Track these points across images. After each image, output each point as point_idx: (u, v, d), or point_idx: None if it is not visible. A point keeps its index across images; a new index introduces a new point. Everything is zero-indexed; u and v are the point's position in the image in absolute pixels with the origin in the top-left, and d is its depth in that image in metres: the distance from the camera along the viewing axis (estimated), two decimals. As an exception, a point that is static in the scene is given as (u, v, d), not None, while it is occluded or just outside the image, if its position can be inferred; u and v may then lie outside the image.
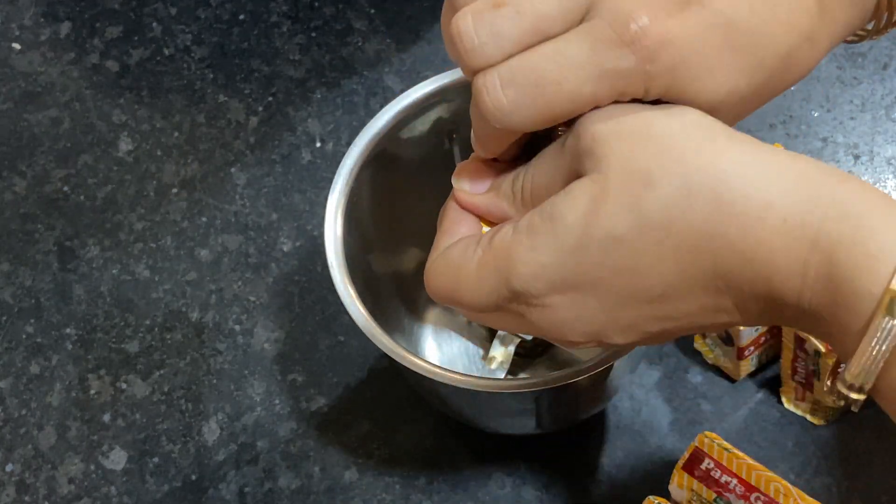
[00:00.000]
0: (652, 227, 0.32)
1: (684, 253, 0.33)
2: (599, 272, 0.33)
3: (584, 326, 0.35)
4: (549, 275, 0.34)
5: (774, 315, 0.34)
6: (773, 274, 0.32)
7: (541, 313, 0.35)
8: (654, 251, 0.33)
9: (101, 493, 0.58)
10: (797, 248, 0.32)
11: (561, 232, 0.33)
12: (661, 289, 0.33)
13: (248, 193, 0.67)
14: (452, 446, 0.58)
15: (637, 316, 0.34)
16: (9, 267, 0.66)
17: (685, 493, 0.50)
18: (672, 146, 0.33)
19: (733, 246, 0.32)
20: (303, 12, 0.74)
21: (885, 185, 0.65)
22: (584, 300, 0.34)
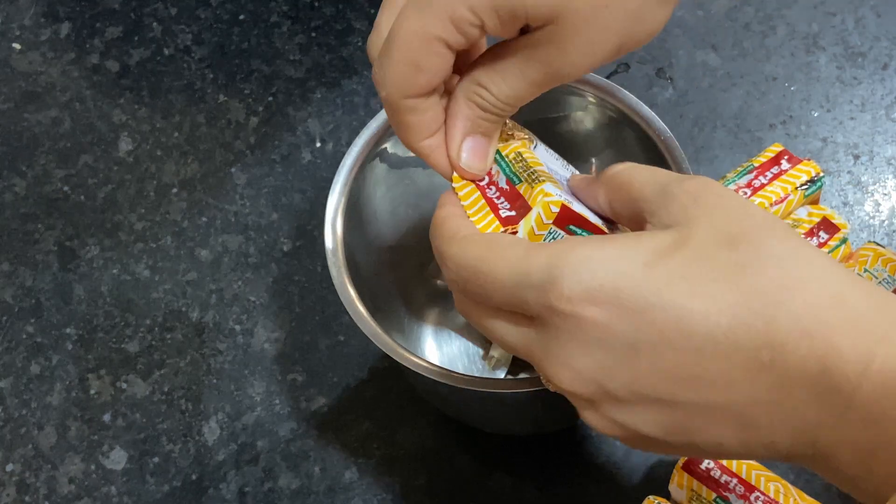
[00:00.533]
0: (721, 277, 0.32)
1: (744, 311, 0.31)
2: (655, 298, 0.32)
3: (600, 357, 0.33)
4: (606, 277, 0.33)
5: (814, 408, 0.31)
6: (832, 354, 0.30)
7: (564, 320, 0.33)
8: (714, 298, 0.32)
9: (101, 493, 0.58)
10: (864, 340, 0.30)
11: (637, 248, 0.33)
12: (704, 338, 0.32)
13: (249, 193, 0.67)
14: (452, 446, 0.58)
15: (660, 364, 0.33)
16: (9, 267, 0.66)
17: (685, 493, 0.50)
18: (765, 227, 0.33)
19: (797, 319, 0.31)
20: (303, 12, 0.74)
21: (885, 184, 0.65)
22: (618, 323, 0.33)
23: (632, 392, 0.33)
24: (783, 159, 0.60)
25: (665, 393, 0.33)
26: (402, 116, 0.39)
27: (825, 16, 0.71)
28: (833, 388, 0.30)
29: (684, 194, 0.34)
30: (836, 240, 0.57)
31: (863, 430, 0.30)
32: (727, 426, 0.33)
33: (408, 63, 0.37)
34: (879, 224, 0.64)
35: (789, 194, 0.58)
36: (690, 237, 0.33)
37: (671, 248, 0.33)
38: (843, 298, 0.31)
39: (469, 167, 0.40)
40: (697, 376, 0.32)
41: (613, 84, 0.51)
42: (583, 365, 0.34)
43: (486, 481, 0.57)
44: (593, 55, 0.38)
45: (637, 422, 0.34)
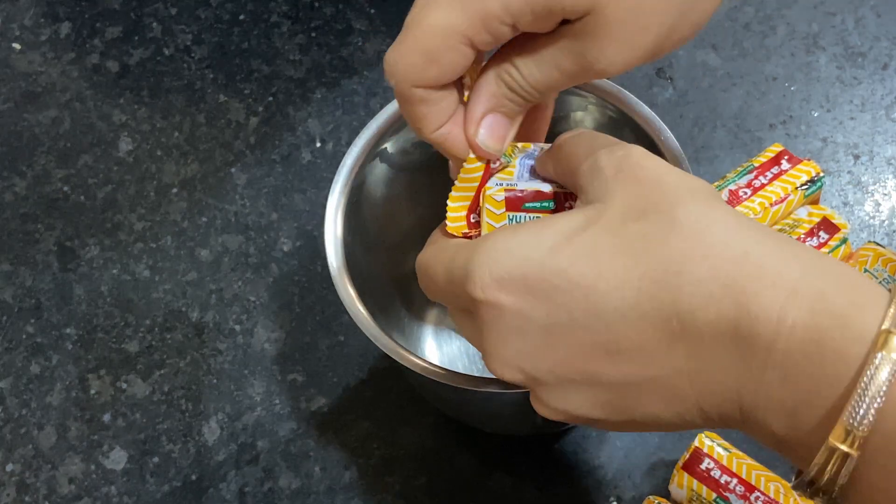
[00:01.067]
0: (626, 251, 0.32)
1: (647, 283, 0.32)
2: (560, 280, 0.33)
3: (519, 344, 0.34)
4: (511, 264, 0.33)
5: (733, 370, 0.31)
6: (742, 316, 0.30)
7: (485, 311, 0.34)
8: (618, 274, 0.32)
9: (101, 493, 0.58)
10: (774, 297, 0.30)
11: (544, 232, 0.34)
12: (613, 314, 0.32)
13: (249, 193, 0.67)
14: (452, 446, 0.58)
15: (576, 344, 0.33)
16: (9, 267, 0.66)
17: (685, 493, 0.50)
18: (674, 191, 0.33)
19: (701, 284, 0.31)
20: (303, 12, 0.74)
21: (885, 184, 0.65)
22: (530, 309, 0.33)
23: (556, 376, 0.34)
24: (783, 159, 0.60)
25: (586, 373, 0.33)
26: (412, 107, 0.38)
27: (825, 16, 0.71)
28: (748, 349, 0.30)
29: (609, 167, 0.35)
30: (836, 240, 0.57)
31: (782, 388, 0.30)
32: (657, 399, 0.33)
33: (421, 53, 0.36)
34: (879, 224, 0.64)
35: (789, 194, 0.58)
36: (602, 214, 0.33)
37: (581, 227, 0.33)
38: (750, 257, 0.31)
39: (485, 145, 0.39)
40: (614, 353, 0.32)
41: (613, 84, 0.51)
42: (506, 352, 0.34)
43: (486, 481, 0.57)
44: (631, 50, 0.36)
45: (572, 404, 0.35)
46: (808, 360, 0.30)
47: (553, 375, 0.34)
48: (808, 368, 0.30)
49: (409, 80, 0.37)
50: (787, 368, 0.30)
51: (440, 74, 0.37)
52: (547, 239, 0.33)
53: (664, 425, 0.34)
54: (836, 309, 0.30)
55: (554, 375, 0.34)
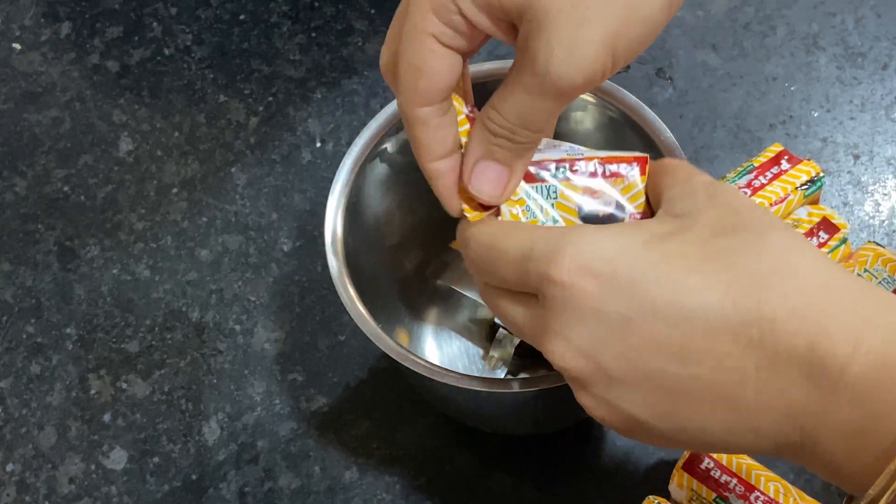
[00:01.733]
0: (716, 258, 0.33)
1: (734, 288, 0.32)
2: (649, 271, 0.33)
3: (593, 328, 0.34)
4: (604, 250, 0.34)
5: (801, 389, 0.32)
6: (821, 335, 0.31)
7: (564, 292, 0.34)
8: (708, 275, 0.33)
9: (101, 493, 0.58)
10: (853, 323, 0.31)
11: (639, 230, 0.34)
12: (695, 310, 0.32)
13: (249, 193, 0.67)
14: (452, 446, 0.58)
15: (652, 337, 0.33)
16: (9, 267, 0.66)
17: (685, 493, 0.50)
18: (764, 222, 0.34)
19: (786, 298, 0.32)
20: (303, 12, 0.74)
21: (885, 184, 0.65)
22: (613, 296, 0.33)
23: (622, 365, 0.34)
24: (783, 159, 0.60)
25: (655, 366, 0.33)
26: (413, 130, 0.38)
27: (825, 16, 0.71)
28: (822, 369, 0.31)
29: (704, 191, 0.36)
30: (836, 240, 0.57)
31: (850, 412, 0.31)
32: (714, 406, 0.33)
33: (410, 67, 0.37)
34: (879, 224, 0.64)
35: (789, 194, 0.58)
36: (693, 225, 0.34)
37: (672, 233, 0.34)
38: (833, 285, 0.32)
39: (478, 191, 0.39)
40: (688, 350, 0.33)
41: (613, 84, 0.51)
42: (576, 335, 0.34)
43: (486, 481, 0.57)
44: (579, 48, 0.35)
45: (627, 402, 0.34)
46: (879, 385, 0.30)
47: (618, 365, 0.34)
48: (878, 394, 0.30)
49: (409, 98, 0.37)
50: (857, 392, 0.31)
51: (431, 84, 0.37)
52: (641, 235, 0.34)
53: (710, 440, 0.34)
54: None
55: (619, 366, 0.34)
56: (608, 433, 0.58)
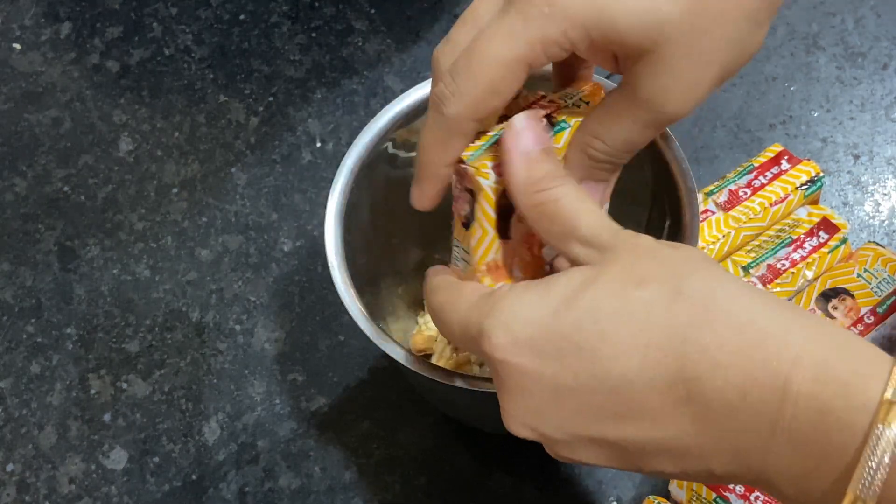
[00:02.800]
0: (630, 318, 0.32)
1: (653, 350, 0.32)
2: (565, 343, 0.33)
3: (528, 403, 0.35)
4: (519, 328, 0.34)
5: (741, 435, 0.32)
6: (749, 383, 0.31)
7: (500, 369, 0.35)
8: (623, 340, 0.32)
9: (101, 493, 0.58)
10: (779, 364, 0.31)
11: (548, 294, 0.34)
12: (618, 379, 0.32)
13: (249, 193, 0.67)
14: (452, 446, 0.58)
15: (582, 406, 0.33)
16: (9, 267, 0.66)
17: (685, 493, 0.50)
18: (674, 264, 0.34)
19: (706, 352, 0.31)
20: (303, 12, 0.74)
21: (885, 184, 0.65)
22: (539, 370, 0.34)
23: (565, 433, 0.34)
24: (783, 159, 0.60)
25: (595, 432, 0.34)
26: (450, 137, 0.38)
27: (825, 16, 0.71)
28: (756, 416, 0.31)
29: (603, 235, 0.35)
30: (836, 240, 0.57)
31: (791, 456, 0.31)
32: (664, 458, 0.33)
33: (488, 85, 0.37)
34: (879, 224, 0.64)
35: (789, 194, 0.58)
36: (600, 274, 0.34)
37: (580, 287, 0.34)
38: (754, 325, 0.32)
39: None
40: (620, 416, 0.33)
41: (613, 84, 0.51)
42: (517, 410, 0.35)
43: (486, 481, 0.57)
44: (697, 87, 0.37)
45: (583, 457, 0.35)
46: (814, 429, 0.30)
47: (561, 433, 0.35)
48: (815, 437, 0.30)
49: (474, 112, 0.37)
50: (794, 437, 0.30)
51: (500, 103, 0.38)
52: (551, 301, 0.34)
53: (671, 476, 0.35)
54: (840, 377, 0.30)
55: (562, 433, 0.35)
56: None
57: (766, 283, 0.55)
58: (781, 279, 0.55)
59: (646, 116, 0.37)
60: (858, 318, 0.54)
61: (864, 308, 0.54)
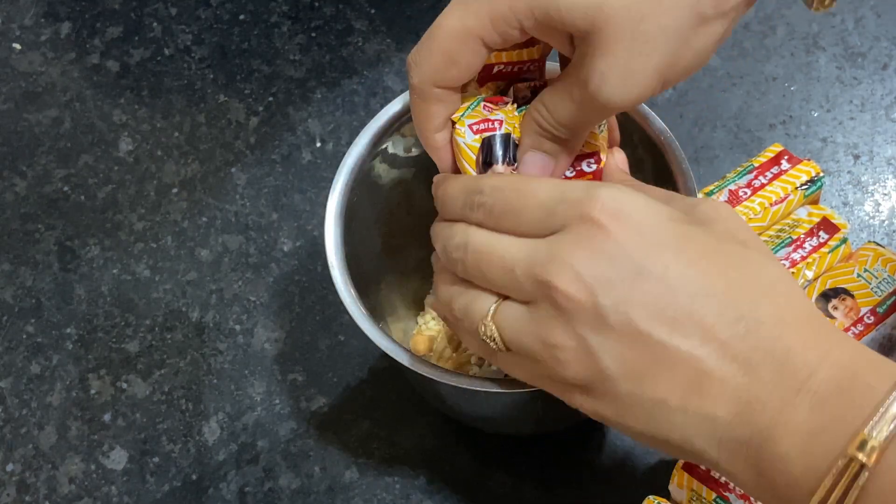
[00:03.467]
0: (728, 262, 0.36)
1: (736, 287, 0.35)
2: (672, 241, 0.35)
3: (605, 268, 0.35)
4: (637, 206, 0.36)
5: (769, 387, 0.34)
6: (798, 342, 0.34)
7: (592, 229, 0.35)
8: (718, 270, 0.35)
9: (101, 493, 0.58)
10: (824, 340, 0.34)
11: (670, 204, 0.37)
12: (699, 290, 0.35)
13: (249, 193, 0.67)
14: (452, 446, 0.58)
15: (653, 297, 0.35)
16: (9, 267, 0.66)
17: (685, 493, 0.50)
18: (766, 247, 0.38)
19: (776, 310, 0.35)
20: (303, 12, 0.74)
21: (885, 184, 0.65)
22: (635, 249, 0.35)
23: (618, 313, 0.35)
24: (783, 159, 0.60)
25: (646, 326, 0.34)
26: (427, 104, 0.41)
27: (825, 16, 0.71)
28: (792, 370, 0.33)
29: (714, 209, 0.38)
30: (836, 240, 0.57)
31: (808, 413, 0.32)
32: (679, 380, 0.34)
33: (444, 55, 0.40)
34: (879, 224, 0.64)
35: (789, 194, 0.58)
36: (711, 227, 0.36)
37: (694, 224, 0.36)
38: (812, 312, 0.35)
39: None
40: (680, 322, 0.34)
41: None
42: (587, 268, 0.35)
43: (486, 481, 0.57)
44: (634, 76, 0.38)
45: (604, 350, 0.35)
46: (841, 390, 0.32)
47: (615, 311, 0.35)
48: (840, 398, 0.32)
49: (432, 79, 0.40)
50: (818, 396, 0.32)
51: (459, 75, 0.40)
52: (669, 210, 0.36)
53: (661, 418, 0.35)
54: (872, 359, 0.33)
55: (616, 311, 0.35)
56: (609, 433, 0.58)
57: (766, 283, 0.55)
58: (781, 279, 0.55)
59: (582, 98, 0.39)
60: (858, 318, 0.54)
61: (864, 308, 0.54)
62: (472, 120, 0.42)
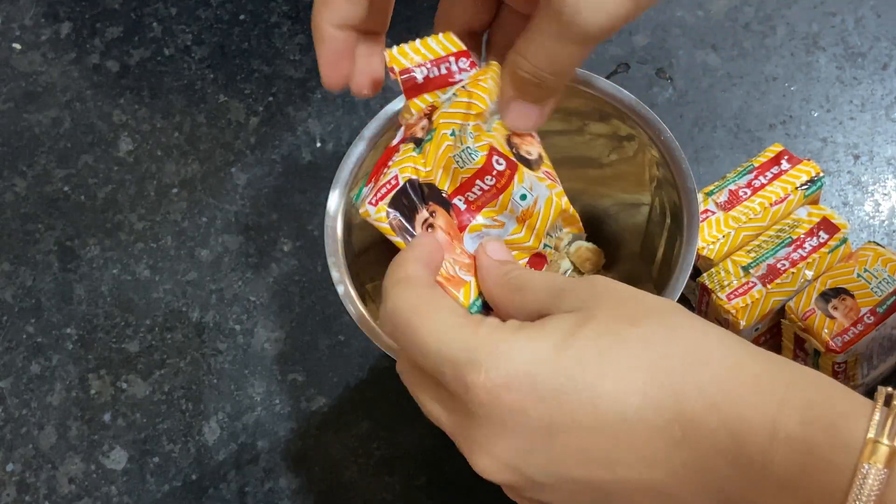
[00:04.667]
0: (629, 354, 0.33)
1: (653, 387, 0.32)
2: (563, 381, 0.33)
3: (516, 442, 0.34)
4: (516, 366, 0.33)
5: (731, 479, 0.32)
6: (740, 425, 0.31)
7: (485, 405, 0.34)
8: (623, 377, 0.32)
9: (101, 493, 0.58)
10: (767, 407, 0.31)
11: (543, 334, 0.34)
12: (616, 418, 0.32)
13: (249, 193, 0.67)
14: (452, 446, 0.58)
15: (576, 446, 0.33)
16: (9, 267, 0.66)
17: None
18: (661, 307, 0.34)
19: (703, 391, 0.31)
20: (303, 12, 0.74)
21: (885, 184, 0.65)
22: (534, 408, 0.33)
23: (549, 475, 0.34)
24: (783, 159, 0.60)
25: (582, 474, 0.33)
26: None
27: (825, 16, 0.71)
28: (747, 458, 0.31)
29: (579, 288, 0.35)
30: (836, 240, 0.57)
31: (780, 495, 0.31)
32: (649, 500, 0.33)
33: None
34: (879, 224, 0.64)
35: (789, 194, 0.58)
36: (593, 316, 0.33)
37: (576, 326, 0.33)
38: (744, 367, 0.32)
39: (514, 127, 0.41)
40: (613, 457, 0.32)
41: (613, 84, 0.51)
42: (500, 450, 0.34)
43: (486, 481, 0.57)
44: None
45: (560, 502, 0.34)
46: (802, 471, 0.30)
47: (546, 475, 0.34)
48: (803, 479, 0.30)
49: None
50: (783, 480, 0.31)
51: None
52: (547, 340, 0.33)
53: None
54: (825, 418, 0.31)
55: (547, 475, 0.34)
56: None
57: (766, 283, 0.55)
58: (781, 279, 0.55)
59: (560, 29, 0.37)
60: (858, 318, 0.54)
61: (864, 308, 0.54)
62: (369, 197, 0.41)
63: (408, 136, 0.43)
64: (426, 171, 0.41)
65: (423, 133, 0.42)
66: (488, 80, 0.41)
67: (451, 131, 0.41)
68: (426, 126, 0.42)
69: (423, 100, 0.43)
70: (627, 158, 0.53)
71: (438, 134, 0.41)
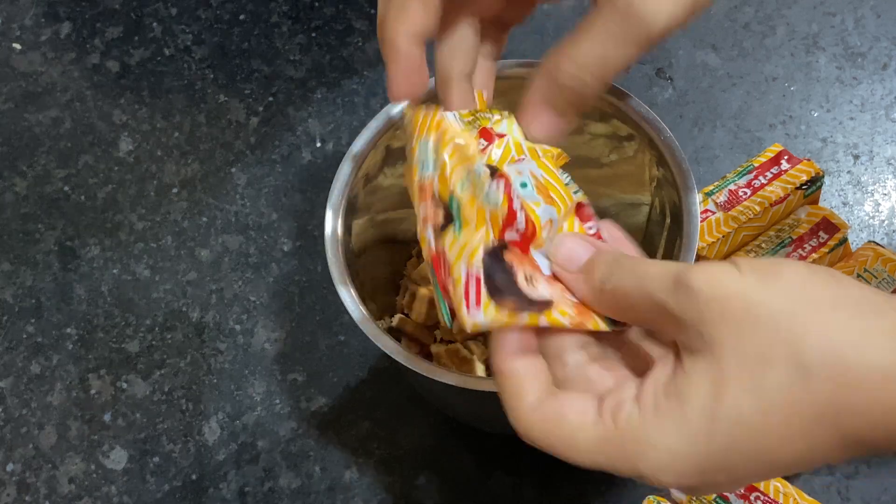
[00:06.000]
0: (776, 409, 0.32)
1: (813, 426, 0.32)
2: (729, 457, 0.33)
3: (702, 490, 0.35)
4: (680, 465, 0.33)
5: None
6: None
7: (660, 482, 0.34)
8: (781, 431, 0.32)
9: (101, 493, 0.58)
10: None
11: (689, 416, 0.33)
12: (791, 461, 0.33)
13: (249, 193, 0.67)
14: (452, 446, 0.59)
15: (762, 477, 0.34)
16: (9, 267, 0.66)
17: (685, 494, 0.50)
18: (779, 328, 0.32)
19: (861, 416, 0.31)
20: (303, 12, 0.74)
21: (885, 184, 0.65)
22: (713, 482, 0.34)
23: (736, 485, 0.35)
24: (783, 159, 0.60)
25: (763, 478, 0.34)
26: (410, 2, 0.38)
27: (825, 16, 0.71)
28: None
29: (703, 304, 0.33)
30: (836, 240, 0.57)
31: None
32: None
33: None
34: (879, 224, 0.64)
35: (789, 194, 0.58)
36: (723, 374, 0.33)
37: (715, 397, 0.33)
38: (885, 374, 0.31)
39: (528, 131, 0.39)
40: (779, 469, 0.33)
41: (613, 84, 0.51)
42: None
43: (486, 481, 0.57)
44: None
45: None
46: None
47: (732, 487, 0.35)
48: None
49: None
50: None
51: None
52: (695, 423, 0.33)
53: None
54: None
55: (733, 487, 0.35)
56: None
57: (766, 283, 0.55)
58: (781, 279, 0.55)
59: (621, 28, 0.36)
60: (858, 318, 0.53)
61: (863, 308, 0.54)
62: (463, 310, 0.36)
63: (437, 228, 0.39)
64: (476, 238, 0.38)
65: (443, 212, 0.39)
66: None
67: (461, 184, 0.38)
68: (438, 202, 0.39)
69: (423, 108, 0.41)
70: (627, 158, 0.53)
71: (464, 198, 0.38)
